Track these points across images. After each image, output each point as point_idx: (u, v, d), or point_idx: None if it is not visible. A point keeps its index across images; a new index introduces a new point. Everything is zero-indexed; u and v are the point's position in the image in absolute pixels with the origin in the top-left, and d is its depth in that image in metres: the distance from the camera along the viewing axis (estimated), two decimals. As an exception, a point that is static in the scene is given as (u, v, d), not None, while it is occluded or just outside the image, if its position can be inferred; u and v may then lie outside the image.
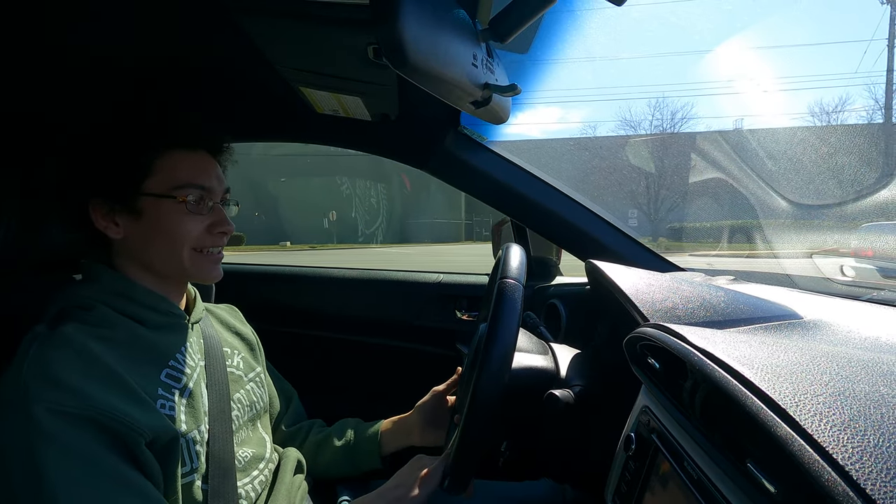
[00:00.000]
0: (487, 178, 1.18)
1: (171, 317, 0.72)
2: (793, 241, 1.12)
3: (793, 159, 3.72)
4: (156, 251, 0.70)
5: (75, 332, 0.60)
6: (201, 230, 0.71)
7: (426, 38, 0.48)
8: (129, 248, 0.70)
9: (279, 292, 1.65)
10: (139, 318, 0.68)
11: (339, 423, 0.98)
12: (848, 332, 0.62)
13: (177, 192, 0.68)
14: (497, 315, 0.63)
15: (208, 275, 0.74)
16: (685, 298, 0.71)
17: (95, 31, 0.79)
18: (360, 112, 1.09)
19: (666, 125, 20.57)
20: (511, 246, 0.74)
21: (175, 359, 0.69)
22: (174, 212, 0.69)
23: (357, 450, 0.93)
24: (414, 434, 0.92)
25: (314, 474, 0.92)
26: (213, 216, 0.73)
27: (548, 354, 0.80)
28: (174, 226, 0.69)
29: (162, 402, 0.63)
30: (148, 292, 0.70)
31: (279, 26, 0.76)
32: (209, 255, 0.73)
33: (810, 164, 3.62)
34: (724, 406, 0.42)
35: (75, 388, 0.54)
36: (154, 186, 0.68)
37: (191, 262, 0.71)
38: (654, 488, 0.53)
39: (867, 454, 0.31)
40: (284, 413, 0.97)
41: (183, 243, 0.70)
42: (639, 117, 20.45)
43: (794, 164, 3.67)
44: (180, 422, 0.64)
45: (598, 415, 0.72)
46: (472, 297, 1.50)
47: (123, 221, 0.69)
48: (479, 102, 0.64)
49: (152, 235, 0.69)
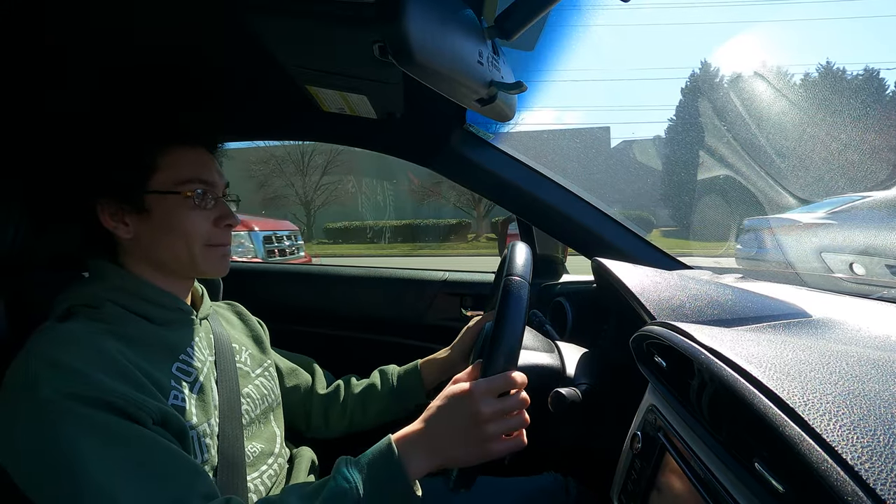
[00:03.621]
0: (493, 176, 1.18)
1: (180, 313, 0.73)
2: (801, 239, 1.11)
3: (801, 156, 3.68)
4: (166, 247, 0.70)
5: (83, 327, 0.61)
6: (208, 224, 0.72)
7: (432, 36, 0.48)
8: (139, 246, 0.71)
9: (285, 290, 1.66)
10: (147, 314, 0.68)
11: (374, 373, 1.02)
12: (857, 330, 0.61)
13: (181, 187, 0.69)
14: (503, 313, 0.63)
15: (217, 269, 0.75)
16: (692, 296, 0.71)
17: (100, 31, 0.79)
18: (366, 110, 1.10)
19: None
20: (517, 244, 0.74)
21: (185, 353, 0.69)
22: (180, 207, 0.69)
23: (402, 388, 0.96)
24: (458, 368, 0.93)
25: (365, 427, 0.96)
26: (218, 210, 0.74)
27: (554, 353, 0.80)
28: (181, 221, 0.70)
29: (175, 394, 0.64)
30: (155, 289, 0.71)
31: (285, 25, 0.76)
32: (217, 249, 0.74)
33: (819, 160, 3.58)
34: (732, 405, 0.42)
35: (85, 373, 0.55)
36: (159, 183, 0.69)
37: (201, 257, 0.72)
38: (661, 487, 0.53)
39: (877, 454, 0.31)
40: (313, 380, 1.00)
41: (193, 238, 0.71)
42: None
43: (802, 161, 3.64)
44: (191, 414, 0.65)
45: (605, 413, 0.72)
46: (478, 295, 1.50)
47: (132, 221, 0.69)
48: (484, 100, 0.64)
49: (162, 233, 0.70)
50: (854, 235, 1.06)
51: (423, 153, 1.25)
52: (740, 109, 3.00)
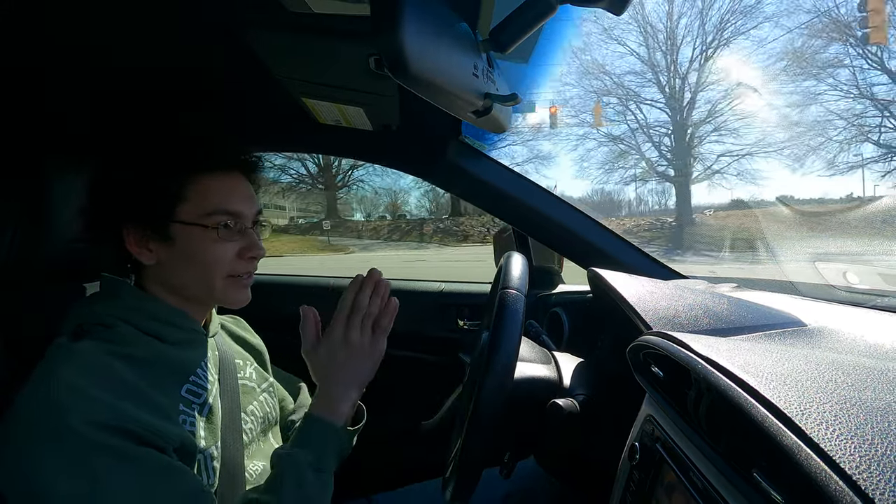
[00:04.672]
0: (489, 187, 1.18)
1: (192, 333, 0.72)
2: (795, 248, 1.12)
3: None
4: (189, 278, 0.70)
5: (97, 349, 0.60)
6: (232, 256, 0.70)
7: (427, 49, 0.48)
8: (161, 272, 0.70)
9: (281, 301, 1.65)
10: (159, 334, 0.67)
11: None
12: (853, 339, 0.61)
13: (207, 219, 0.68)
14: (499, 327, 0.63)
15: (237, 299, 0.73)
16: (688, 306, 0.71)
17: (98, 48, 0.80)
18: (362, 122, 1.10)
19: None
20: (513, 255, 0.74)
21: (195, 374, 0.69)
22: (204, 239, 0.68)
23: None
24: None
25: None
26: (244, 241, 0.72)
27: (550, 363, 0.80)
28: (205, 253, 0.68)
29: (183, 419, 0.63)
30: (170, 309, 0.70)
31: (281, 38, 0.77)
32: (239, 280, 0.72)
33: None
34: (729, 414, 0.42)
35: (107, 402, 0.55)
36: (185, 213, 0.68)
37: (222, 289, 0.71)
38: (660, 498, 0.52)
39: (874, 463, 0.31)
40: (295, 406, 0.98)
41: (214, 271, 0.69)
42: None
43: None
44: (200, 437, 0.65)
45: (602, 424, 0.72)
46: (474, 306, 1.50)
47: (156, 247, 0.68)
48: (479, 112, 0.64)
49: (185, 262, 0.69)
50: (848, 244, 1.07)
51: (419, 165, 1.25)
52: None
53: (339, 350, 0.70)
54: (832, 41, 17.95)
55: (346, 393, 0.71)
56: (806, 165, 20.01)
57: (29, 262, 0.81)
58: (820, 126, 18.88)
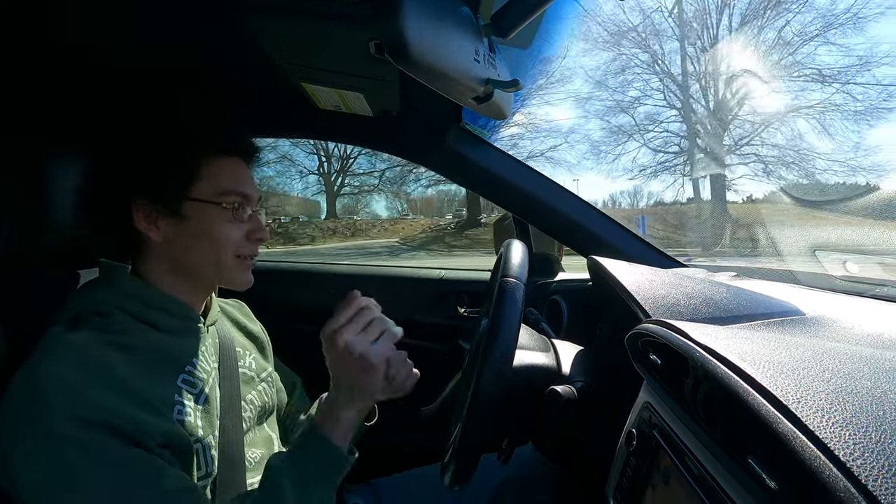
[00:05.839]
0: (489, 175, 1.18)
1: (187, 321, 0.72)
2: (795, 237, 1.12)
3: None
4: (198, 255, 0.70)
5: (93, 340, 0.60)
6: (240, 237, 0.71)
7: (428, 34, 0.47)
8: (166, 250, 0.70)
9: (281, 288, 1.65)
10: (155, 322, 0.67)
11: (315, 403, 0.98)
12: (850, 328, 0.62)
13: (221, 198, 0.69)
14: (498, 314, 0.63)
15: (242, 280, 0.74)
16: (687, 295, 0.71)
17: (100, 33, 0.79)
18: (362, 108, 1.09)
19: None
20: (512, 242, 0.74)
21: (191, 363, 0.69)
22: (218, 218, 0.69)
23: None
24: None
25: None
26: (252, 223, 0.73)
27: (549, 351, 0.80)
28: (217, 232, 0.69)
29: (179, 408, 0.63)
30: (165, 296, 0.70)
31: (281, 23, 0.76)
32: (245, 261, 0.73)
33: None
34: (726, 402, 0.42)
35: (93, 397, 0.55)
36: (200, 192, 0.68)
37: (229, 266, 0.71)
38: (656, 484, 0.53)
39: (869, 451, 0.31)
40: (288, 403, 0.97)
41: (226, 249, 0.70)
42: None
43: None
44: (196, 427, 0.65)
45: (600, 411, 0.72)
46: (474, 293, 1.50)
47: (164, 224, 0.68)
48: (480, 98, 0.64)
49: (195, 239, 0.69)
50: (848, 234, 1.07)
51: (420, 151, 1.24)
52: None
53: (331, 354, 0.71)
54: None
55: (351, 399, 0.71)
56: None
57: (29, 249, 0.81)
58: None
